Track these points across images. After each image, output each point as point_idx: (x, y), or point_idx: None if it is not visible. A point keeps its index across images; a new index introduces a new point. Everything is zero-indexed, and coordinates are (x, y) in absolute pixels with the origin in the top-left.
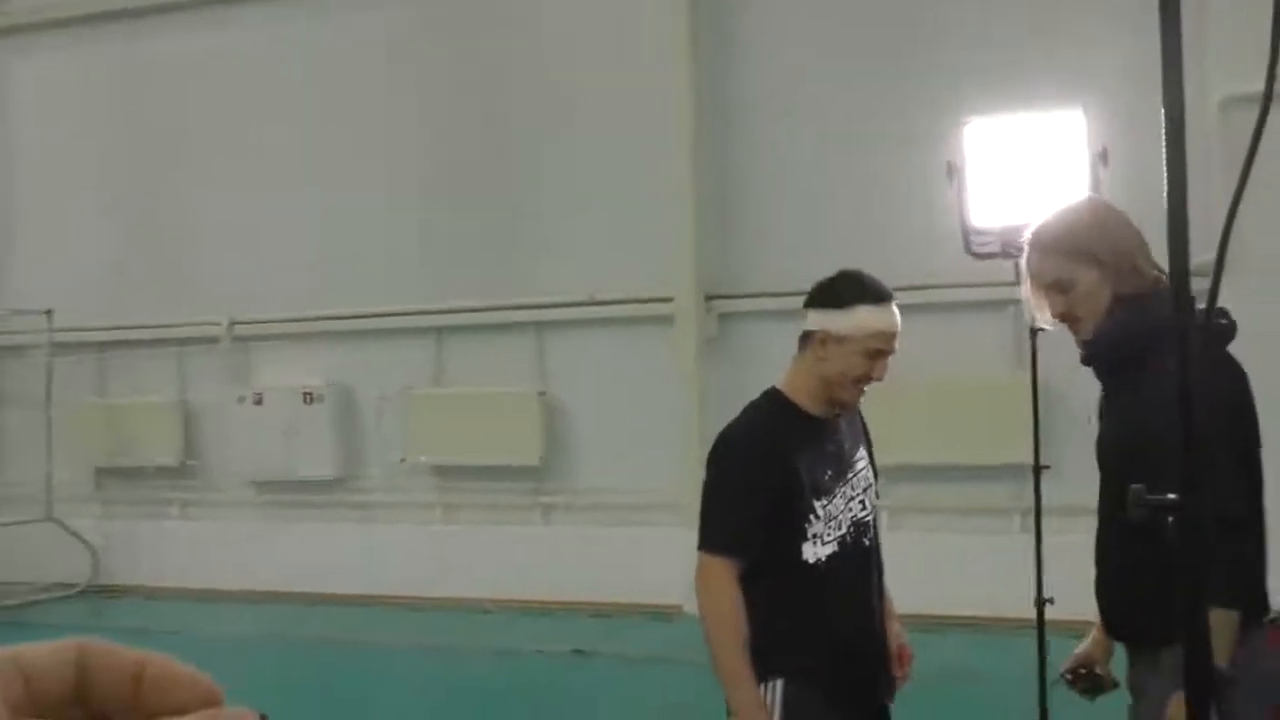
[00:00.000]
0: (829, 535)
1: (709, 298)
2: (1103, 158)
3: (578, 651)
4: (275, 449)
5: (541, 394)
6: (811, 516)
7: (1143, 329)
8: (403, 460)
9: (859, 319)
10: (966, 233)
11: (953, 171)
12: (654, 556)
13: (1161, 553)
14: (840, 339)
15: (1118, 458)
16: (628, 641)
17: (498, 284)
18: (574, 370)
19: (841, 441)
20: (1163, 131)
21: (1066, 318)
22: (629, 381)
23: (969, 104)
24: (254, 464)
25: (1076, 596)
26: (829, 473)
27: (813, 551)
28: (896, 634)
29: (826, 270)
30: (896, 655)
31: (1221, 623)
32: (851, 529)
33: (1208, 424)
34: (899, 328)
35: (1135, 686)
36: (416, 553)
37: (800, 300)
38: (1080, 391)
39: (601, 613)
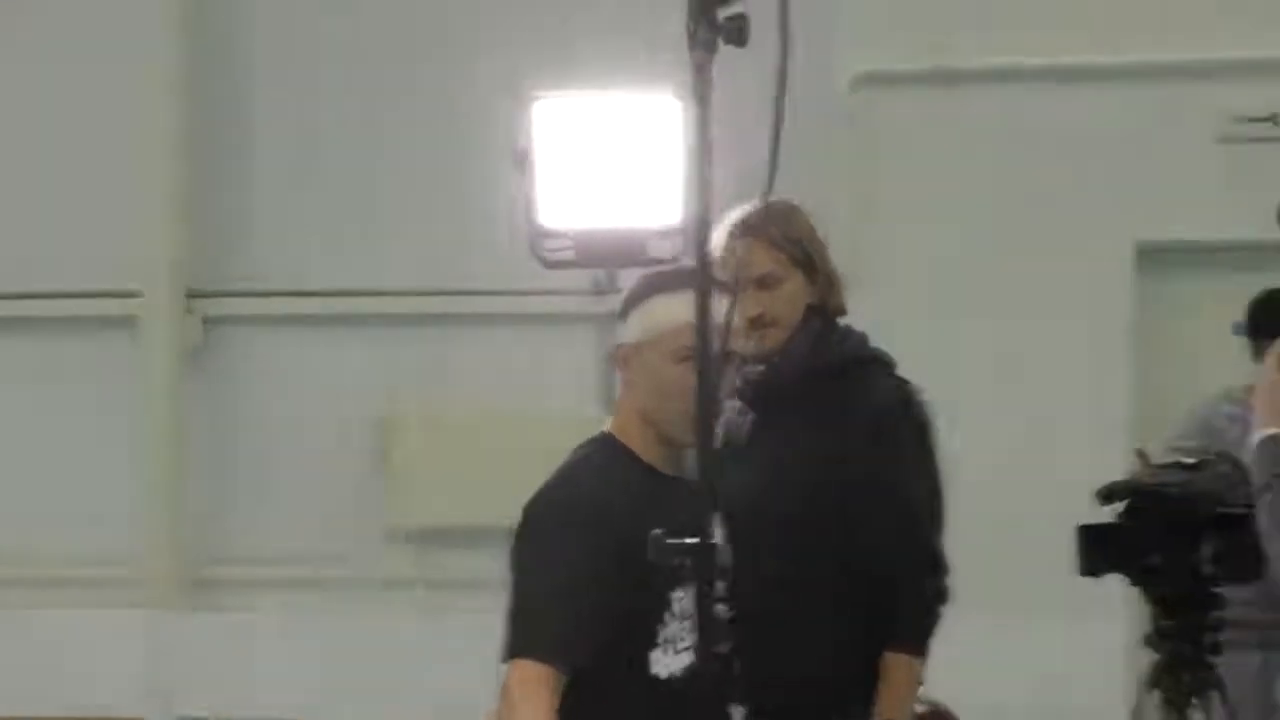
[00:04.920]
0: (683, 641)
1: (191, 295)
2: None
3: None
4: None
5: None
6: (666, 614)
7: (845, 354)
8: None
9: (653, 315)
10: (535, 235)
11: (520, 158)
12: (103, 653)
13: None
14: (639, 348)
15: (805, 502)
16: None
17: None
18: None
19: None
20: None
21: (761, 321)
22: (70, 406)
23: (542, 77)
24: None
25: None
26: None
27: (664, 664)
28: None
29: (353, 264)
30: None
31: (909, 671)
32: None
33: (915, 457)
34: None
35: None
36: None
37: (317, 302)
38: None
39: None
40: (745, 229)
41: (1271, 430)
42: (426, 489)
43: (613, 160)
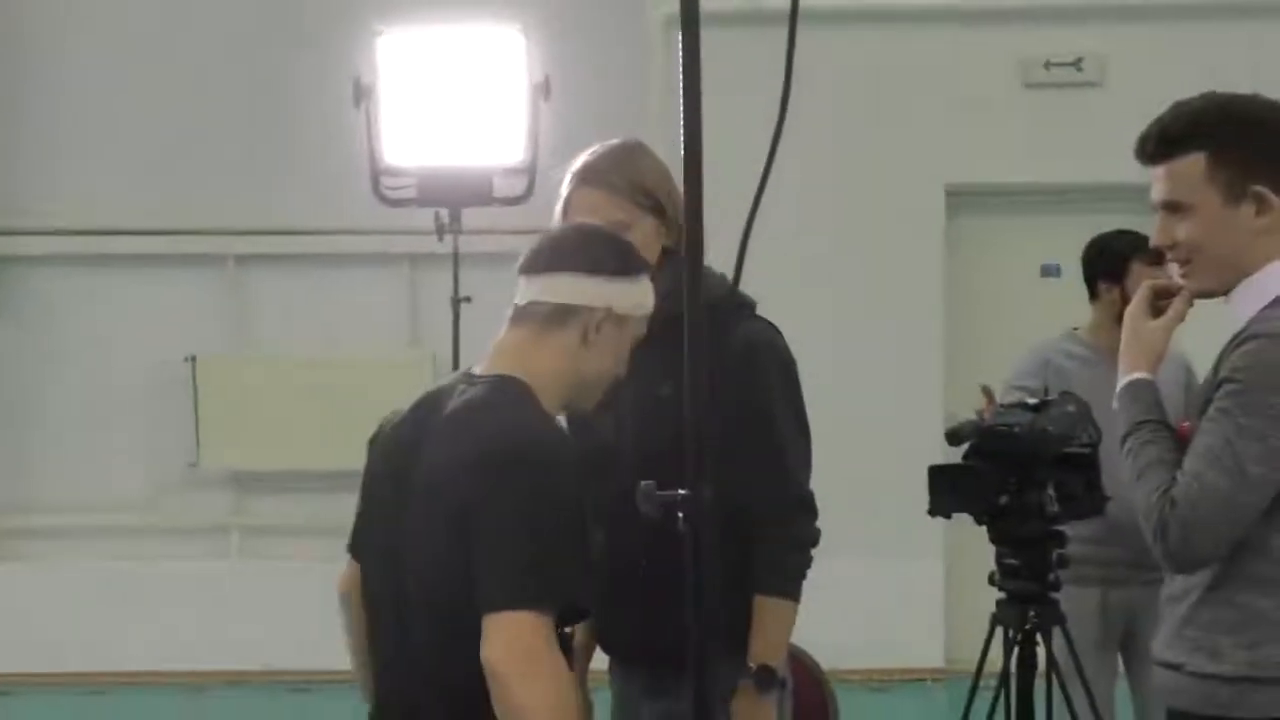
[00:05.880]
0: None
1: None
2: (544, 89)
3: None
4: None
5: None
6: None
7: (708, 296)
8: None
9: (639, 294)
10: (377, 173)
11: (361, 93)
12: None
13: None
14: (620, 320)
15: (674, 443)
16: None
17: None
18: None
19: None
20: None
21: None
22: None
23: (383, 10)
24: None
25: None
26: None
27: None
28: None
29: (160, 201)
30: None
31: (783, 615)
32: None
33: (781, 398)
34: None
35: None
36: None
37: (114, 241)
38: None
39: None
40: (585, 176)
41: (1135, 375)
42: (239, 432)
43: (457, 95)
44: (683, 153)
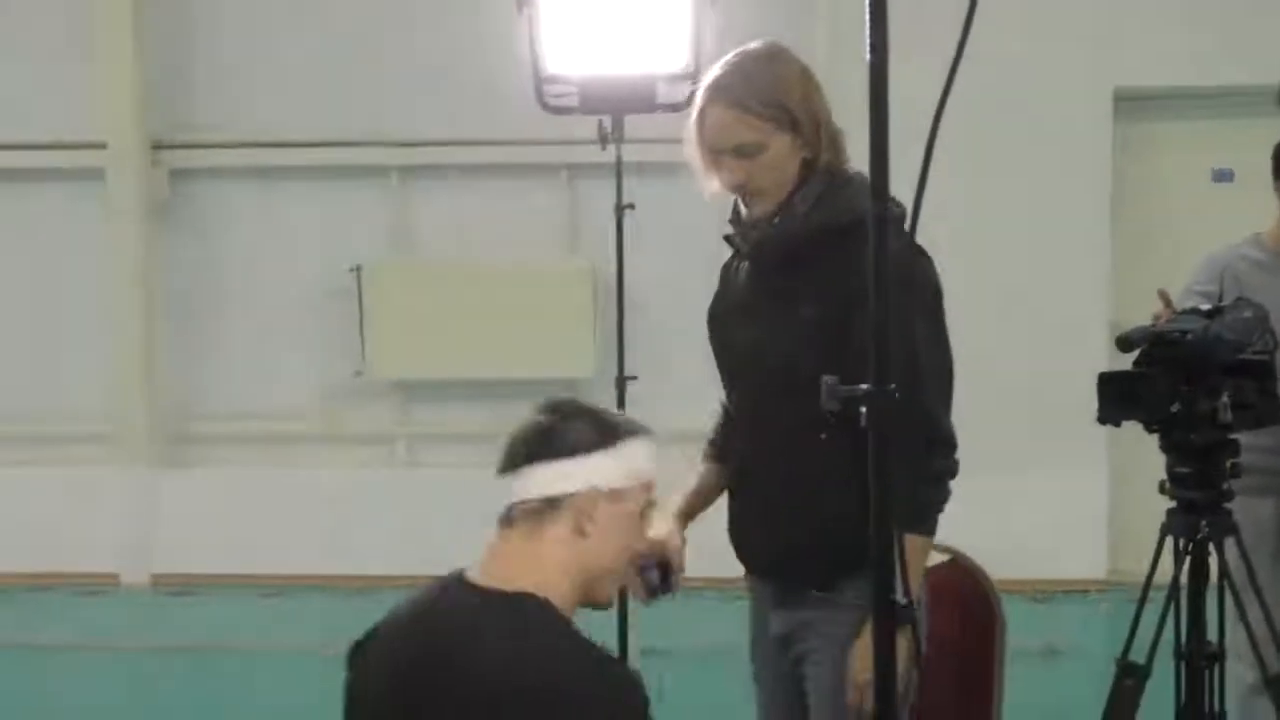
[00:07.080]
0: None
1: (157, 146)
2: None
3: None
4: None
5: None
6: None
7: (854, 209)
8: None
9: (634, 459)
10: (540, 81)
11: (523, 1)
12: (77, 510)
13: (854, 470)
14: (614, 497)
15: (810, 360)
16: (60, 622)
17: None
18: None
19: None
20: None
21: (745, 188)
22: (39, 261)
23: None
24: None
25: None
26: None
27: None
28: None
29: (327, 114)
30: None
31: (913, 549)
32: None
33: (923, 325)
34: None
35: (798, 632)
36: None
37: (283, 154)
38: (656, 285)
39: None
40: (716, 94)
41: None
42: (403, 342)
43: (620, 1)
44: (869, 77)
